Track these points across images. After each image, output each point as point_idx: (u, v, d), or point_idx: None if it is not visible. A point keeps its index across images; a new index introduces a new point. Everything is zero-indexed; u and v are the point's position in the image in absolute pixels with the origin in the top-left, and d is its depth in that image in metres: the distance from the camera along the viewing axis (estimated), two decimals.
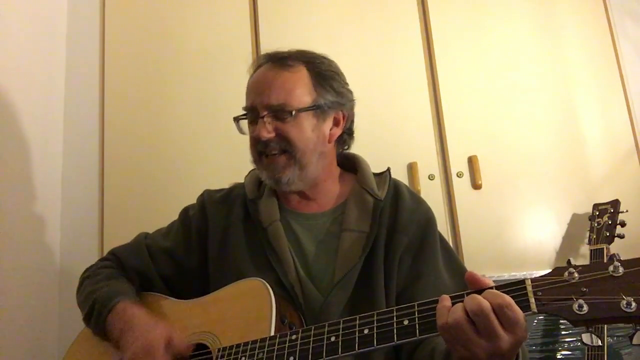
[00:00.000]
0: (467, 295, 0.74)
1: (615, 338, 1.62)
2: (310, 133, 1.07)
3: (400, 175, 1.80)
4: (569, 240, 1.79)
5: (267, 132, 1.05)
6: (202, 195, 1.24)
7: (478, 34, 1.96)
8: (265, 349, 0.86)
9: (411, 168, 1.82)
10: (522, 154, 1.86)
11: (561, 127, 1.89)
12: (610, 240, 1.63)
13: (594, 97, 1.93)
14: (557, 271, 0.71)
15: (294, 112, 1.04)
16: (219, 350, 0.93)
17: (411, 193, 1.18)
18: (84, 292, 1.13)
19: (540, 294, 0.70)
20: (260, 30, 1.94)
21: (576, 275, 0.69)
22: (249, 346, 0.88)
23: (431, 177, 1.83)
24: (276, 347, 0.85)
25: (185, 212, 1.23)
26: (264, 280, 0.98)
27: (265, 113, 1.05)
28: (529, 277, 0.73)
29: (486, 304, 0.70)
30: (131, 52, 1.94)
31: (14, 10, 1.67)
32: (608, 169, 1.87)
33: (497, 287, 0.73)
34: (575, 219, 1.81)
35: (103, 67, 1.93)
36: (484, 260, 1.75)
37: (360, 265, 1.04)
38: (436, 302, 0.76)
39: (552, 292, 0.69)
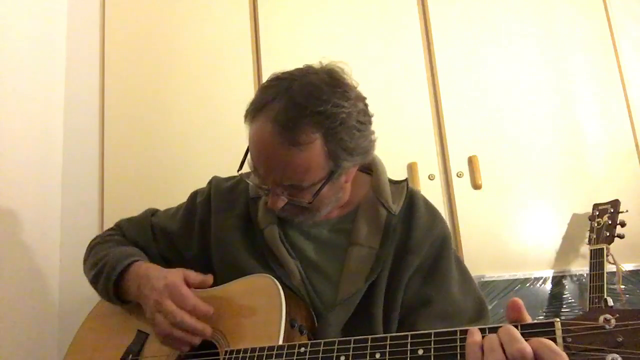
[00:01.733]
0: (502, 330, 0.65)
1: None
2: (327, 193, 0.98)
3: (400, 175, 1.80)
4: (569, 240, 1.79)
5: (281, 202, 0.97)
6: (210, 182, 1.20)
7: (478, 34, 1.96)
8: (273, 358, 0.84)
9: (411, 168, 1.81)
10: (522, 154, 1.86)
11: (561, 127, 1.89)
12: (610, 240, 1.63)
13: (594, 97, 1.93)
14: (591, 314, 0.63)
15: (308, 188, 0.95)
16: (226, 353, 0.91)
17: (427, 207, 1.10)
18: (94, 257, 1.12)
19: (569, 340, 0.62)
20: (260, 30, 1.94)
21: (613, 322, 0.61)
22: (257, 353, 0.87)
23: (431, 177, 1.83)
24: (284, 358, 0.83)
25: (193, 198, 1.19)
26: (274, 279, 0.95)
27: (278, 190, 0.96)
28: (528, 277, 0.70)
29: (529, 352, 0.61)
30: (131, 52, 1.94)
31: (14, 10, 1.67)
32: (608, 169, 1.87)
33: (522, 326, 0.66)
34: (575, 219, 1.81)
35: (103, 67, 1.92)
36: (484, 260, 1.75)
37: (366, 287, 0.98)
38: (454, 333, 0.70)
39: (584, 340, 0.61)
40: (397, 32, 1.95)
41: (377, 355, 0.75)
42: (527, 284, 1.72)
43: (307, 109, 0.89)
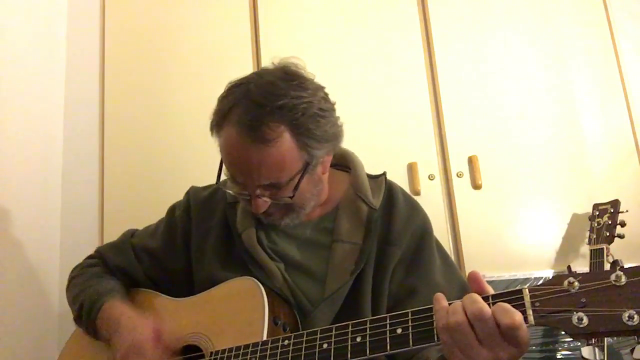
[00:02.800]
0: (465, 296, 0.70)
1: (615, 338, 1.62)
2: (306, 186, 0.99)
3: (400, 175, 1.80)
4: (569, 240, 1.79)
5: (265, 204, 0.98)
6: (187, 193, 1.21)
7: (478, 34, 1.96)
8: (258, 354, 0.86)
9: (411, 168, 1.81)
10: (522, 154, 1.86)
11: (561, 127, 1.89)
12: (610, 240, 1.63)
13: (594, 97, 1.93)
14: (556, 280, 0.67)
15: (287, 184, 0.96)
16: (211, 354, 0.93)
17: (406, 198, 1.11)
18: (72, 293, 1.13)
19: (538, 305, 0.66)
20: (260, 30, 1.95)
21: (576, 284, 0.65)
22: (241, 351, 0.88)
23: (431, 177, 1.83)
24: (268, 352, 0.85)
25: (172, 211, 1.20)
26: (256, 280, 0.97)
27: (258, 192, 0.97)
28: (528, 277, 0.71)
29: (487, 310, 0.66)
30: (131, 52, 1.94)
31: (14, 10, 1.67)
32: (608, 169, 1.87)
33: (493, 296, 0.70)
34: (575, 219, 1.81)
35: (103, 67, 1.93)
36: (484, 260, 1.75)
37: (352, 281, 1.00)
38: (429, 310, 0.73)
39: (551, 303, 0.65)
40: (397, 32, 1.95)
41: (358, 339, 0.78)
42: (527, 284, 1.72)
43: (267, 106, 0.91)
